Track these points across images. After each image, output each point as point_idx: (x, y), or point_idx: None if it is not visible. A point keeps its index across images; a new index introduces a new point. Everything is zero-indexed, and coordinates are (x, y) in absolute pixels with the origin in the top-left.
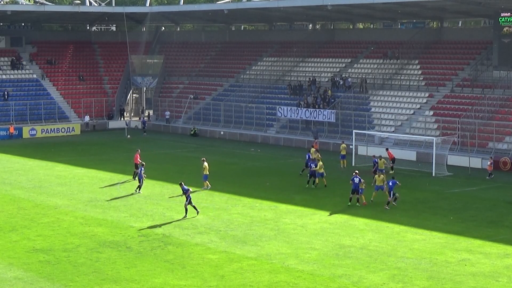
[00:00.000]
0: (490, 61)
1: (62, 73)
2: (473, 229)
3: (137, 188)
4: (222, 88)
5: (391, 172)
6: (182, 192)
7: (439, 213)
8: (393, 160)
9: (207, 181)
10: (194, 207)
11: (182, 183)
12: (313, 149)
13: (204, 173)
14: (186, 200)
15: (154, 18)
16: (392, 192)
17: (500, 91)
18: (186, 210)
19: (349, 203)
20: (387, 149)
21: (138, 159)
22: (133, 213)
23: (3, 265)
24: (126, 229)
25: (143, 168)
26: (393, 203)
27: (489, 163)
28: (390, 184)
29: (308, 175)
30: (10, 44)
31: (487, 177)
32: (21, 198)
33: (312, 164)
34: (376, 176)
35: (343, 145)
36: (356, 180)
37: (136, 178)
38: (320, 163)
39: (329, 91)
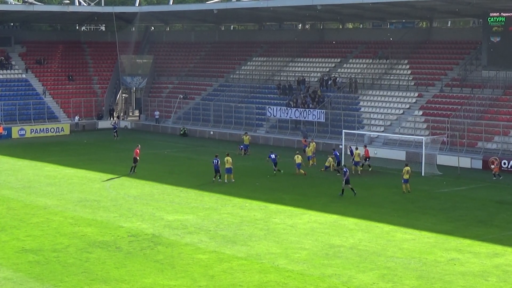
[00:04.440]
0: (479, 61)
1: (51, 73)
2: (462, 229)
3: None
4: (212, 88)
5: (369, 169)
6: None
7: (428, 212)
8: (368, 158)
9: (231, 174)
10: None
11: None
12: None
13: (227, 166)
14: None
15: (144, 18)
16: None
17: (489, 91)
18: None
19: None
20: (365, 146)
21: (138, 154)
22: (122, 213)
23: None
24: (115, 229)
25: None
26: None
27: (494, 164)
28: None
29: None
30: None
31: (494, 178)
32: (10, 198)
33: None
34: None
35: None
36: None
37: (135, 170)
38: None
39: (319, 91)
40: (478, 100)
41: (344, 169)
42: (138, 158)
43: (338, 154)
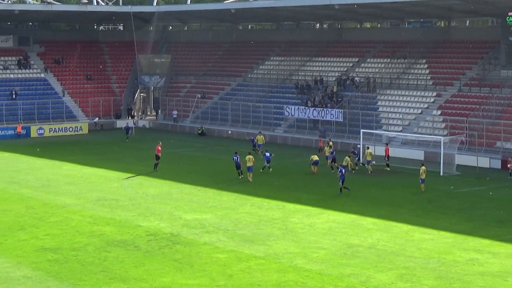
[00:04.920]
0: (497, 60)
1: (69, 72)
2: (481, 229)
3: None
4: (230, 87)
5: (387, 168)
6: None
7: (447, 212)
8: (388, 157)
9: (251, 173)
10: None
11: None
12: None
13: (249, 164)
14: None
15: (162, 18)
16: None
17: (508, 90)
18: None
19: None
20: (386, 144)
21: (159, 151)
22: (141, 212)
23: (12, 264)
24: (134, 228)
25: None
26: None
27: (511, 163)
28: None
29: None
30: (17, 44)
31: (509, 177)
32: (30, 197)
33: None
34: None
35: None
36: (344, 170)
37: (157, 168)
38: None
39: (335, 87)
40: (496, 99)
41: (340, 169)
42: (160, 155)
43: (333, 150)
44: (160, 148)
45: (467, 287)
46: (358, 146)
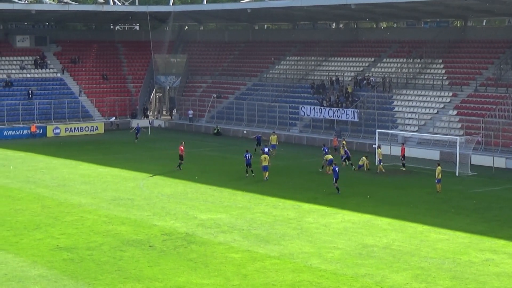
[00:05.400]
0: None
1: (86, 72)
2: (497, 229)
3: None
4: (245, 87)
5: (402, 169)
6: None
7: (462, 212)
8: (403, 157)
9: (267, 172)
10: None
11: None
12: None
13: (264, 164)
14: None
15: (178, 17)
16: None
17: None
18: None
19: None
20: (402, 144)
21: (183, 151)
22: (156, 212)
23: (28, 263)
24: (149, 228)
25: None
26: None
27: None
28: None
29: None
30: (34, 43)
31: None
32: (45, 197)
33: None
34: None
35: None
36: (337, 169)
37: (181, 168)
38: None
39: (349, 87)
40: None
41: (334, 167)
42: (183, 154)
43: (327, 149)
44: (183, 148)
45: (482, 287)
46: (374, 146)
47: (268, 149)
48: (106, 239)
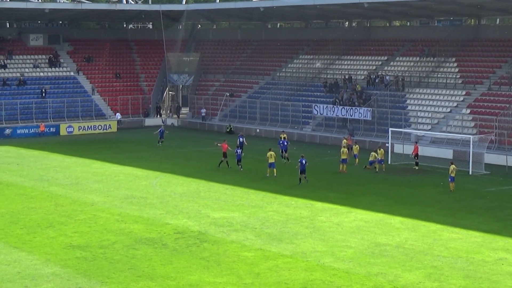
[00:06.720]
0: None
1: (99, 70)
2: (510, 228)
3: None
4: (258, 85)
5: (415, 167)
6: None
7: (475, 211)
8: (417, 156)
9: (274, 169)
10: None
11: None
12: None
13: (270, 161)
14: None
15: (191, 16)
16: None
17: None
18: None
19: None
20: (416, 143)
21: (226, 148)
22: (169, 210)
23: (41, 261)
24: (162, 226)
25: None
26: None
27: None
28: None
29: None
30: (47, 42)
31: None
32: (58, 195)
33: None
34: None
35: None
36: (304, 161)
37: (228, 164)
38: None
39: (358, 86)
40: None
41: (300, 159)
42: (226, 152)
43: (286, 143)
44: (226, 145)
45: (495, 287)
46: (387, 145)
47: (244, 139)
48: (119, 237)
